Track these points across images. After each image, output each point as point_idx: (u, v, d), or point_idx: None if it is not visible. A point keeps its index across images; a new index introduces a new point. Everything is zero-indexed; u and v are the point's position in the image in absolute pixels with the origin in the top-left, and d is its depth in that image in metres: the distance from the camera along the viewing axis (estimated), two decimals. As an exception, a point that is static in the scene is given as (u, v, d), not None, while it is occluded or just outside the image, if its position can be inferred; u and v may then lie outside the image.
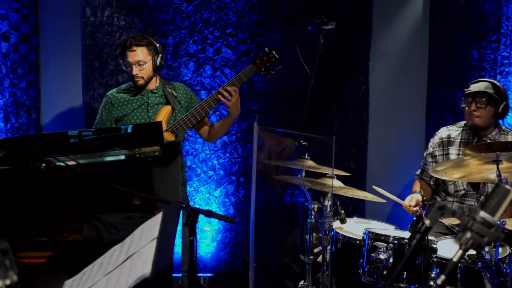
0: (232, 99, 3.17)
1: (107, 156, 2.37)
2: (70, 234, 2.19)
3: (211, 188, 4.18)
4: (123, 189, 2.09)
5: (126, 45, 3.13)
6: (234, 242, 4.20)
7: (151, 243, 1.32)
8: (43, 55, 4.18)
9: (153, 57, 3.16)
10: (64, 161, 2.22)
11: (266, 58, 3.31)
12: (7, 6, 4.10)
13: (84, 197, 2.35)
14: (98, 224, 1.95)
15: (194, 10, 4.12)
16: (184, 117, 3.12)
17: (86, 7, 4.09)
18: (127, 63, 3.14)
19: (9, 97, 4.15)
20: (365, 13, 4.12)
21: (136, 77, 3.15)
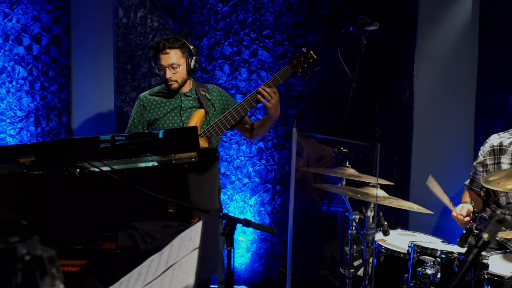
0: (272, 100, 3.17)
1: (142, 162, 2.39)
2: (104, 242, 2.22)
3: (245, 196, 4.18)
4: (158, 197, 2.11)
5: (159, 48, 3.16)
6: (270, 253, 4.19)
7: (192, 253, 1.32)
8: (74, 57, 4.25)
9: (187, 60, 3.19)
10: (99, 167, 2.26)
11: (304, 59, 3.30)
12: (38, 8, 4.20)
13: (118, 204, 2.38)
14: (133, 233, 1.96)
15: (230, 11, 4.14)
16: (218, 121, 3.14)
17: (118, 8, 4.15)
18: (160, 66, 3.17)
19: (40, 100, 4.24)
20: (410, 13, 4.07)
21: (170, 80, 3.17)
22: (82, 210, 2.29)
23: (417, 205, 3.02)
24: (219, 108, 3.27)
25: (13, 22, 4.19)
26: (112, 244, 2.26)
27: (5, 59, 4.22)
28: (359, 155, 3.91)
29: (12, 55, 4.21)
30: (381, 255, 3.03)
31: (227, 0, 4.13)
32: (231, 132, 4.14)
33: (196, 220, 2.27)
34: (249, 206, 4.18)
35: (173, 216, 2.34)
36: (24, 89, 4.23)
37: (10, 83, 4.22)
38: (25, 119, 4.24)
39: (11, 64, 4.22)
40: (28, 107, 4.24)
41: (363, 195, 2.87)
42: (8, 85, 4.22)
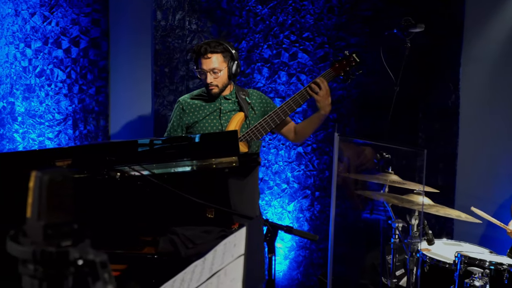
0: (321, 92, 3.16)
1: (182, 166, 2.40)
2: (143, 247, 2.24)
3: (284, 202, 4.17)
4: (198, 202, 2.11)
5: (200, 52, 3.17)
6: (308, 261, 4.17)
7: (237, 260, 1.32)
8: (112, 60, 4.31)
9: (228, 64, 3.19)
10: (139, 171, 2.28)
11: (346, 62, 3.28)
12: (78, 11, 4.27)
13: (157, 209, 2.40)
14: (174, 238, 1.97)
15: (269, 13, 4.15)
16: (258, 125, 3.13)
17: (157, 10, 4.19)
18: (202, 70, 3.18)
19: (78, 103, 4.31)
20: (456, 15, 4.00)
21: (211, 85, 3.19)
22: (122, 214, 2.32)
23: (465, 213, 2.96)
24: (259, 112, 3.27)
25: (52, 25, 4.28)
26: (152, 249, 2.28)
27: (44, 62, 4.31)
28: (402, 161, 3.86)
29: (51, 58, 4.30)
30: (426, 265, 2.98)
31: (266, 2, 4.13)
32: (270, 137, 4.14)
33: (237, 226, 2.27)
34: (287, 212, 4.16)
35: (213, 222, 2.35)
36: (62, 92, 4.31)
37: (49, 86, 4.31)
38: (63, 122, 4.32)
39: (50, 67, 4.30)
40: (66, 110, 4.31)
41: (408, 202, 2.83)
42: (47, 88, 4.31)
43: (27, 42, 4.30)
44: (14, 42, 4.32)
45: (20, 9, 4.30)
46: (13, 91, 4.35)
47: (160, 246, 2.07)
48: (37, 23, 4.28)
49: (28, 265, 0.83)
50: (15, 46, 4.32)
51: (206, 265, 1.47)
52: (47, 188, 0.82)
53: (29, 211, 0.84)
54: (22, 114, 4.34)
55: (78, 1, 4.27)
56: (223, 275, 1.29)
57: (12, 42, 4.32)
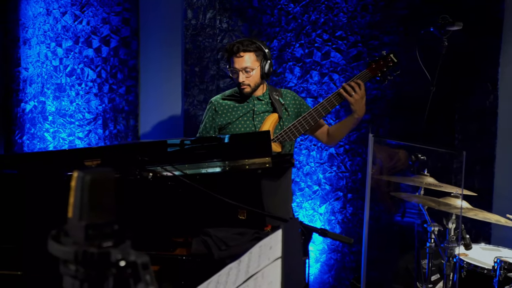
0: (355, 95, 3.13)
1: (214, 167, 2.41)
2: (175, 248, 2.26)
3: (315, 204, 4.15)
4: (232, 203, 2.12)
5: (233, 51, 3.17)
6: (340, 265, 4.14)
7: (274, 263, 1.31)
8: (142, 59, 4.35)
9: (261, 64, 3.19)
10: (171, 171, 2.29)
11: (383, 62, 3.24)
12: (108, 10, 4.32)
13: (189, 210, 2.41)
14: (207, 239, 1.98)
15: (301, 11, 4.13)
16: (292, 126, 3.12)
17: (187, 9, 4.21)
18: (234, 69, 3.18)
19: (108, 103, 4.36)
20: (495, 13, 3.93)
21: (243, 84, 3.18)
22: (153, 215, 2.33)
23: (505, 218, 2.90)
24: (293, 113, 3.26)
25: (83, 25, 4.33)
26: (184, 250, 2.29)
27: (75, 61, 4.37)
28: (437, 163, 3.81)
29: (81, 58, 4.36)
30: (463, 271, 2.94)
31: (298, 0, 4.12)
32: (301, 137, 4.12)
33: (270, 228, 2.27)
34: (318, 214, 4.14)
35: (245, 223, 2.35)
36: (92, 92, 4.36)
37: (79, 86, 4.36)
38: (93, 121, 4.37)
39: (81, 66, 4.36)
40: (96, 109, 4.36)
41: (445, 205, 2.79)
42: (77, 87, 4.36)
43: (58, 41, 4.37)
44: (45, 42, 4.38)
45: (52, 8, 4.36)
46: (44, 90, 4.42)
47: (192, 248, 2.07)
48: (68, 22, 4.34)
49: (69, 266, 0.83)
50: (46, 45, 4.39)
51: (242, 268, 1.47)
52: (88, 188, 0.83)
53: (70, 211, 0.84)
54: (53, 114, 4.41)
55: (109, 0, 4.31)
56: (260, 278, 1.29)
57: (43, 42, 4.39)
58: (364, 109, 3.20)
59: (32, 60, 4.45)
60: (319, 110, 3.16)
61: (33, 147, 4.46)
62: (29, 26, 4.43)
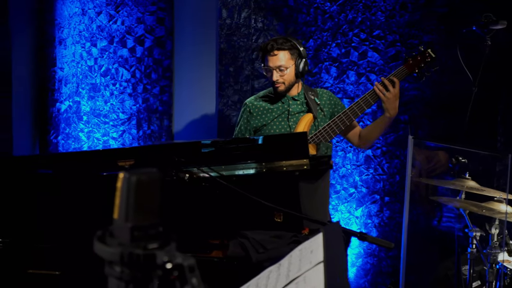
0: (388, 94, 3.09)
1: (251, 168, 2.41)
2: (211, 250, 2.26)
3: (351, 207, 4.12)
4: (269, 205, 2.11)
5: (267, 49, 3.16)
6: (377, 269, 4.10)
7: (316, 267, 1.30)
8: (177, 59, 4.38)
9: (295, 62, 3.17)
10: (208, 172, 2.30)
11: (420, 58, 3.19)
12: (143, 9, 4.36)
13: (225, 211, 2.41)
14: (244, 242, 1.98)
15: (338, 10, 4.11)
16: (327, 126, 3.10)
17: (222, 8, 4.22)
18: (268, 67, 3.18)
19: (142, 103, 4.40)
20: (539, 10, 3.86)
21: (277, 83, 3.17)
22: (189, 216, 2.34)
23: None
24: (328, 113, 3.24)
25: (118, 24, 4.39)
26: (219, 253, 2.29)
27: (109, 61, 4.42)
28: (479, 166, 3.75)
29: (116, 57, 4.41)
30: (506, 278, 2.88)
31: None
32: (338, 139, 4.10)
33: (307, 231, 2.26)
34: (355, 217, 4.11)
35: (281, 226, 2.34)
36: (127, 92, 4.41)
37: (113, 86, 4.42)
38: (127, 121, 4.42)
39: (115, 66, 4.41)
40: (130, 109, 4.41)
41: (488, 210, 2.74)
42: (111, 87, 4.42)
43: (93, 41, 4.43)
44: (80, 41, 4.45)
45: (87, 8, 4.43)
46: (79, 90, 4.49)
47: (229, 250, 2.08)
48: (103, 22, 4.40)
49: (114, 267, 0.84)
50: (81, 45, 4.46)
51: (282, 271, 1.46)
52: (134, 189, 0.83)
53: (116, 213, 0.85)
54: (88, 113, 4.47)
55: (144, 0, 4.36)
56: (302, 282, 1.28)
57: (78, 41, 4.46)
58: (396, 109, 3.14)
59: (68, 60, 4.52)
60: (354, 109, 3.13)
61: (68, 147, 4.53)
62: (64, 26, 4.51)
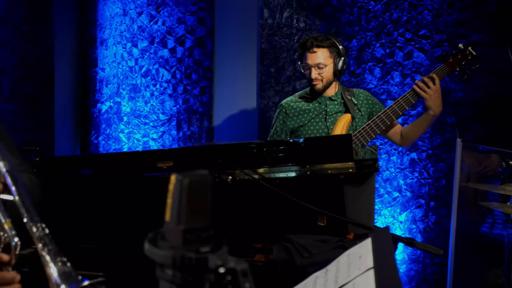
0: (429, 91, 3.07)
1: (294, 171, 2.40)
2: (254, 254, 2.26)
3: (395, 211, 4.07)
4: (315, 209, 2.10)
5: (306, 46, 3.17)
6: (421, 276, 4.04)
7: (366, 273, 1.28)
8: (217, 60, 4.40)
9: (334, 60, 3.17)
10: (250, 174, 2.30)
11: (461, 56, 3.17)
12: (184, 10, 4.40)
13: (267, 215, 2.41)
14: (289, 246, 1.97)
15: (383, 9, 4.07)
16: (367, 126, 3.08)
17: (263, 8, 4.23)
18: (306, 65, 3.18)
19: (182, 104, 4.43)
20: None
21: (315, 80, 3.17)
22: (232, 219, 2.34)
23: None
24: (365, 113, 3.22)
25: (158, 25, 4.43)
26: (262, 257, 2.29)
27: (150, 62, 4.47)
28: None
29: (156, 58, 4.45)
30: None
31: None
32: (381, 141, 4.05)
33: (352, 236, 2.23)
34: (398, 222, 4.06)
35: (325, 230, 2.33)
36: (167, 93, 4.45)
37: (154, 86, 4.46)
38: (167, 122, 4.46)
39: (156, 67, 4.45)
40: (170, 110, 4.45)
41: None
42: (152, 88, 4.46)
43: (134, 41, 4.48)
44: (121, 42, 4.51)
45: (128, 8, 4.48)
46: (120, 91, 4.55)
47: (273, 254, 2.07)
48: (144, 23, 4.45)
49: (166, 270, 0.84)
50: (122, 46, 4.52)
51: (329, 277, 1.45)
52: (187, 191, 0.83)
53: (168, 215, 0.85)
54: (128, 114, 4.52)
55: (185, 0, 4.39)
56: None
57: (119, 42, 4.51)
58: (440, 106, 3.13)
59: (109, 61, 4.59)
60: (395, 108, 3.11)
61: (108, 148, 4.59)
62: (106, 27, 4.57)
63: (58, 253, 1.21)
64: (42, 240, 1.22)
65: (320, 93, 3.23)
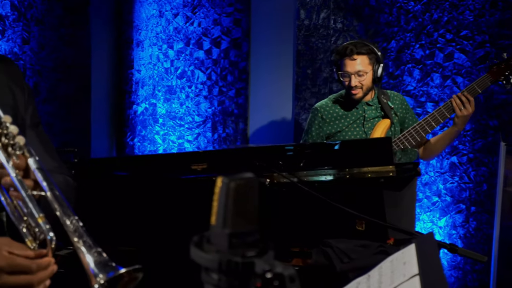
0: (464, 111, 3.04)
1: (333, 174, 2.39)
2: (292, 259, 2.25)
3: (434, 216, 4.01)
4: (354, 213, 2.08)
5: (345, 53, 3.13)
6: (461, 283, 3.97)
7: (411, 280, 1.27)
8: (253, 61, 4.40)
9: (373, 67, 3.14)
10: (288, 177, 2.29)
11: (505, 66, 3.13)
12: (220, 11, 4.41)
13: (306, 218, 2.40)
14: (328, 250, 1.96)
15: (423, 10, 4.02)
16: (402, 137, 3.06)
17: (300, 9, 4.21)
18: (345, 73, 3.14)
19: (218, 105, 4.44)
20: None
21: (355, 89, 3.14)
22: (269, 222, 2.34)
23: None
24: (401, 118, 3.20)
25: (194, 26, 4.45)
26: (299, 261, 2.28)
27: (185, 63, 4.49)
28: None
29: (192, 60, 4.47)
30: None
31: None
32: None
33: (392, 241, 2.21)
34: (438, 228, 4.00)
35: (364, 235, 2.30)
36: (202, 94, 4.47)
37: (189, 88, 4.48)
38: (202, 124, 4.47)
39: (191, 68, 4.47)
40: (206, 112, 4.46)
41: None
42: (187, 89, 4.49)
43: (169, 43, 4.51)
44: (157, 43, 4.54)
45: (164, 10, 4.52)
46: (155, 92, 4.58)
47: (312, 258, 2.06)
48: (180, 24, 4.48)
49: (211, 274, 0.84)
50: (158, 47, 4.55)
51: (372, 283, 1.43)
52: (233, 195, 0.83)
53: (213, 218, 0.85)
54: (163, 116, 4.56)
55: (221, 1, 4.40)
56: (396, 296, 1.25)
57: (155, 43, 4.55)
58: (465, 123, 3.16)
59: (145, 62, 4.63)
60: (430, 121, 3.10)
61: (144, 149, 4.63)
62: (142, 28, 4.62)
63: (93, 244, 1.23)
64: (76, 233, 1.24)
65: (359, 101, 3.20)
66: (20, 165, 1.32)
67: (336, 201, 2.18)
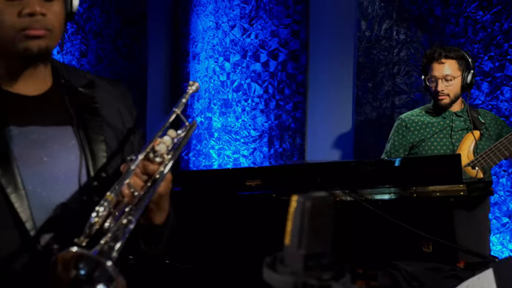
0: None
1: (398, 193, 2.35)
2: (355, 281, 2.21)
3: (504, 238, 3.90)
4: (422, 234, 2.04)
5: (433, 57, 3.09)
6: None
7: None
8: (311, 74, 4.38)
9: (463, 73, 3.08)
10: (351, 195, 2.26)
11: None
12: (277, 22, 4.43)
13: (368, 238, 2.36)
14: (395, 273, 1.92)
15: (492, 19, 3.93)
16: (494, 148, 2.95)
17: (361, 20, 4.19)
18: (432, 77, 3.09)
19: (274, 119, 4.44)
20: None
21: (441, 94, 3.08)
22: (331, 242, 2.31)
23: None
24: (494, 134, 3.10)
25: (251, 38, 4.48)
26: (362, 283, 2.24)
27: (242, 76, 4.52)
28: None
29: (248, 72, 4.50)
30: None
31: (489, 7, 3.92)
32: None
33: (462, 265, 2.15)
34: (508, 251, 3.88)
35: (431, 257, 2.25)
36: (259, 108, 4.48)
37: (245, 101, 4.50)
38: (258, 139, 4.48)
39: (248, 81, 4.50)
40: (262, 126, 4.47)
41: None
42: (243, 103, 4.51)
43: (226, 55, 4.55)
44: (213, 56, 4.59)
45: (221, 22, 4.56)
46: (211, 106, 4.62)
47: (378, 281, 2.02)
48: (237, 36, 4.51)
49: (285, 297, 0.82)
50: (214, 60, 4.60)
51: (446, 310, 1.39)
52: (309, 215, 0.82)
53: (288, 238, 0.84)
54: (219, 130, 4.59)
55: (278, 12, 4.42)
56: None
57: (211, 56, 4.60)
58: None
59: (200, 75, 4.68)
60: None
61: (199, 164, 4.67)
62: (198, 40, 4.67)
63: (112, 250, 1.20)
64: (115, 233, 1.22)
65: (446, 108, 3.14)
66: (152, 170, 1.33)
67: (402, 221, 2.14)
